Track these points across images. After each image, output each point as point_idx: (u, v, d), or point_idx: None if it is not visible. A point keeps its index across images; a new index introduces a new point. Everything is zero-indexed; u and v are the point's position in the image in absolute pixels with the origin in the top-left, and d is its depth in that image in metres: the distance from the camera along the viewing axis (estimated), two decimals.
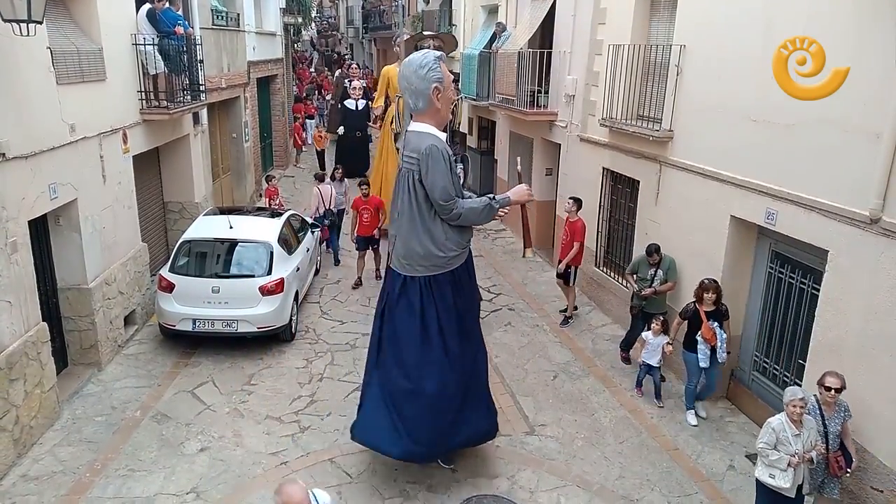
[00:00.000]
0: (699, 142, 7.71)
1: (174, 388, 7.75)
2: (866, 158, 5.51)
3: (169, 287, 8.42)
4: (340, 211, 12.38)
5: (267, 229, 9.25)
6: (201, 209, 10.80)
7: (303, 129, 21.67)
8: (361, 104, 17.24)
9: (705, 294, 6.98)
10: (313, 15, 30.83)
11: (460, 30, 17.48)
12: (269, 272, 8.57)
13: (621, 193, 9.81)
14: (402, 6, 26.73)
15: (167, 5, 9.36)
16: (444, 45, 12.26)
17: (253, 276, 8.52)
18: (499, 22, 14.01)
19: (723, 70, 7.21)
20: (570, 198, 9.72)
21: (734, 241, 7.32)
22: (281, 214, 10.18)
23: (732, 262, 7.39)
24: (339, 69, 27.77)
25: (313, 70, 33.23)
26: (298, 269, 9.44)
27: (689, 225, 7.92)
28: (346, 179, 13.02)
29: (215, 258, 8.84)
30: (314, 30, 37.71)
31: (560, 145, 11.65)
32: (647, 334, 7.67)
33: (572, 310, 9.91)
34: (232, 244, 8.87)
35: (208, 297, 8.34)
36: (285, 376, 8.14)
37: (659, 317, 7.68)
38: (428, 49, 7.28)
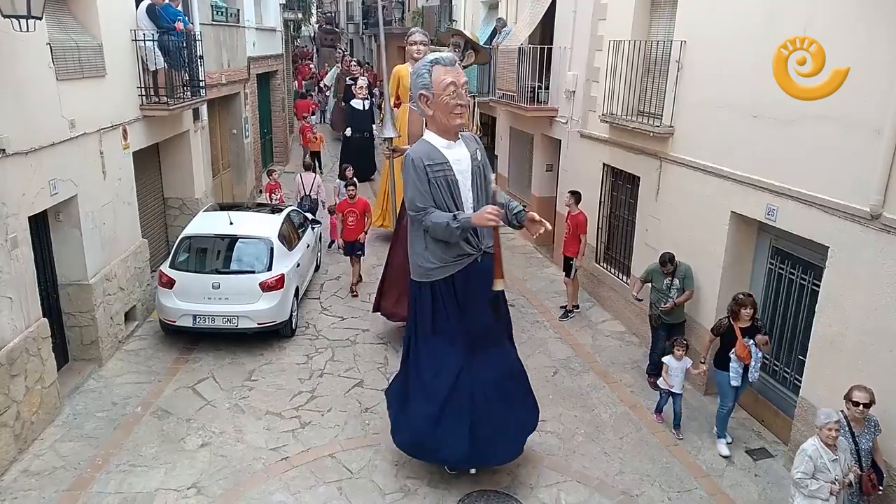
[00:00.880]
0: (700, 138, 7.70)
1: (175, 384, 7.76)
2: (867, 154, 5.51)
3: (169, 283, 8.43)
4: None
5: (267, 225, 9.25)
6: (201, 205, 10.81)
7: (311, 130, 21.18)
8: (367, 104, 17.23)
9: (742, 310, 6.40)
10: (313, 11, 30.76)
11: (460, 26, 17.43)
12: (270, 268, 8.57)
13: (622, 189, 9.81)
14: (402, 3, 26.66)
15: (167, 1, 9.35)
16: (478, 55, 10.63)
17: (253, 272, 8.52)
18: (499, 18, 13.99)
19: (723, 66, 7.20)
20: (569, 192, 9.73)
21: (734, 237, 7.32)
22: (281, 210, 10.19)
23: (733, 258, 7.38)
24: (338, 66, 27.64)
25: (314, 66, 33.10)
26: (299, 265, 9.44)
27: (690, 221, 7.91)
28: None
29: (216, 254, 8.84)
30: (315, 25, 37.59)
31: (560, 141, 11.65)
32: (670, 359, 6.99)
33: (573, 305, 9.92)
34: (232, 240, 8.86)
35: (209, 294, 8.34)
36: (286, 372, 8.15)
37: (682, 341, 7.04)
38: (448, 49, 7.05)
